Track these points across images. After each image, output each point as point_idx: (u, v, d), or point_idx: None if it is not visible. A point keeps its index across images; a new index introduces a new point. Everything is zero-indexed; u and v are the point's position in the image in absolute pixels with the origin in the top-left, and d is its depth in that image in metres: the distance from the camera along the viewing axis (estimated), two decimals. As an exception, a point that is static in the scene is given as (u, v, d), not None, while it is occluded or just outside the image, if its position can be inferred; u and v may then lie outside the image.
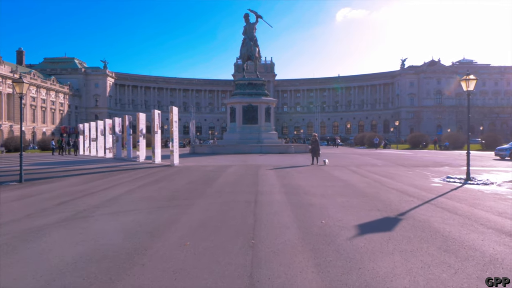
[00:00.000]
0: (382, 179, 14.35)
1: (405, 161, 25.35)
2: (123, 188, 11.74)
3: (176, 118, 21.26)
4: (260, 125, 37.82)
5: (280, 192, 10.57)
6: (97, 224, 6.82)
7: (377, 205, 8.73)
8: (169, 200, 9.42)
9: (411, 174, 16.51)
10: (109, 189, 11.68)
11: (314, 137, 21.45)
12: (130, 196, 10.18)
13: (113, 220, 7.20)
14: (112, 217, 7.42)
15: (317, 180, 13.76)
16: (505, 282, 4.17)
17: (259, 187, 11.70)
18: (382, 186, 12.44)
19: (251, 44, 39.05)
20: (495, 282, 4.16)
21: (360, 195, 10.38)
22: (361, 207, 8.47)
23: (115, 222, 7.02)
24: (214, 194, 10.32)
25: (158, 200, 9.47)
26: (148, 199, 9.62)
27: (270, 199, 9.35)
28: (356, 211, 8.00)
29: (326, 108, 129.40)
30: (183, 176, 15.25)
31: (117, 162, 25.23)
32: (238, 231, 6.16)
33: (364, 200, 9.43)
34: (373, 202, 9.14)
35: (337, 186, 12.10)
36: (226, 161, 24.00)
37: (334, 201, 9.24)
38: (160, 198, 9.78)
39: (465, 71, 54.77)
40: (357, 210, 8.16)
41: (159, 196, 10.13)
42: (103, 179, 14.58)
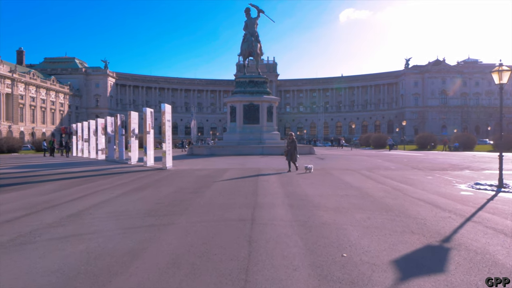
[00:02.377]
0: (401, 186, 12.41)
1: (419, 163, 23.37)
2: (97, 198, 9.85)
3: (169, 117, 19.38)
4: (262, 125, 35.75)
5: (284, 205, 8.64)
6: (31, 258, 4.91)
7: (409, 225, 6.80)
8: (144, 216, 7.52)
9: (432, 180, 14.56)
10: (80, 199, 9.79)
11: (291, 136, 17.25)
12: (99, 209, 8.29)
13: (58, 250, 5.30)
14: (59, 245, 5.52)
15: (326, 188, 11.81)
16: (505, 282, 4.01)
17: (259, 197, 9.76)
18: (405, 195, 10.50)
19: (252, 39, 37.00)
20: (495, 282, 3.99)
21: (382, 208, 8.45)
22: (390, 228, 6.53)
23: (58, 253, 5.12)
24: (202, 208, 8.40)
25: (131, 216, 7.57)
26: (119, 214, 7.72)
27: (271, 216, 7.42)
28: (384, 235, 6.07)
29: (329, 108, 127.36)
30: (172, 182, 13.35)
31: (107, 164, 23.38)
32: (224, 274, 4.23)
33: (389, 217, 7.50)
34: (402, 220, 7.21)
35: (352, 196, 10.16)
36: (224, 163, 22.08)
37: (352, 218, 7.31)
38: (134, 213, 7.87)
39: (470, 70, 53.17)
40: (385, 232, 6.23)
41: (134, 210, 8.23)
42: (81, 185, 12.70)
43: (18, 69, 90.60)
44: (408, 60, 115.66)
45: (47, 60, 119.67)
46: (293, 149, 16.82)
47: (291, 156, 16.87)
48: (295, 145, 16.88)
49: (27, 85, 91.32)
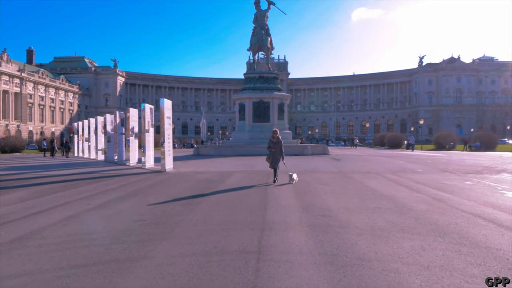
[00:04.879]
0: (441, 195, 10.20)
1: (447, 165, 21.01)
2: (66, 212, 7.87)
3: (169, 113, 17.42)
4: (273, 123, 33.42)
5: (302, 225, 6.52)
6: None
7: (485, 261, 4.64)
8: (111, 243, 5.47)
9: (473, 186, 12.31)
10: (44, 213, 7.83)
11: (275, 134, 12.80)
12: (58, 230, 6.29)
13: None
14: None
15: (351, 198, 9.64)
16: (505, 282, 3.88)
17: (268, 212, 7.66)
18: (452, 208, 8.32)
19: (263, 33, 34.69)
20: (495, 282, 3.87)
21: (433, 230, 6.29)
22: (462, 270, 4.37)
23: None
24: (193, 228, 6.33)
25: (93, 243, 5.54)
26: (79, 239, 5.70)
27: (285, 246, 5.29)
28: (455, 279, 3.96)
29: (341, 108, 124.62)
30: (166, 189, 11.32)
31: (104, 166, 21.51)
32: None
33: (451, 246, 5.34)
34: (472, 252, 5.05)
35: (387, 210, 8.01)
36: (230, 165, 20.01)
37: (399, 249, 5.18)
38: (100, 237, 5.84)
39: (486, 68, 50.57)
40: (460, 279, 4.09)
41: (103, 232, 6.19)
42: (58, 193, 10.73)
43: (27, 68, 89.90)
44: (421, 58, 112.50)
45: (57, 60, 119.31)
46: (278, 153, 12.62)
47: (275, 160, 12.58)
48: (281, 146, 12.69)
49: (36, 84, 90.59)
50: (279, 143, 12.62)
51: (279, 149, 12.60)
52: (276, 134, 12.77)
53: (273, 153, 12.55)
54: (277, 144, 12.61)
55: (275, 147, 12.57)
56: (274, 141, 12.63)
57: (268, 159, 12.76)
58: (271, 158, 12.60)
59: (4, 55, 79.73)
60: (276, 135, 12.74)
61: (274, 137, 12.69)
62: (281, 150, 12.65)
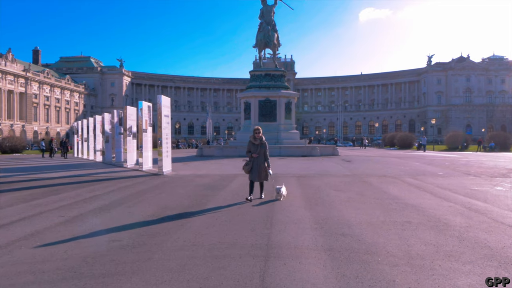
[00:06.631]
0: (476, 204, 8.73)
1: (467, 167, 19.45)
2: (32, 226, 6.53)
3: (167, 111, 16.06)
4: (279, 122, 31.90)
5: (317, 250, 5.09)
6: None
7: None
8: (61, 279, 4.08)
9: (506, 192, 10.81)
10: (5, 227, 6.49)
11: (258, 135, 9.31)
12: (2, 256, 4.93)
13: None
14: None
15: (373, 208, 8.18)
16: (505, 282, 3.82)
17: (274, 230, 6.22)
18: (496, 222, 6.86)
19: (269, 28, 33.14)
20: (495, 282, 3.80)
21: (488, 257, 4.84)
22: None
23: None
24: (177, 255, 4.91)
25: (36, 281, 4.16)
26: (20, 273, 4.33)
27: (297, 286, 3.88)
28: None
29: (348, 107, 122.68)
30: (157, 197, 9.92)
31: (100, 168, 20.24)
32: None
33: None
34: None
35: (419, 225, 6.55)
36: (233, 167, 18.60)
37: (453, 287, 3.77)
38: (51, 270, 4.43)
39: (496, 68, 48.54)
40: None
41: (60, 259, 4.80)
42: (38, 199, 9.40)
43: (33, 68, 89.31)
44: (430, 57, 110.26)
45: (63, 59, 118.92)
46: (262, 160, 9.25)
47: (258, 170, 9.18)
48: (265, 150, 9.32)
49: (41, 84, 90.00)
50: (263, 145, 9.27)
51: (263, 153, 9.24)
52: (259, 134, 9.29)
53: (254, 159, 9.18)
54: (260, 147, 9.25)
55: (258, 152, 9.20)
56: (256, 143, 9.24)
57: (245, 168, 9.35)
58: (250, 165, 9.22)
59: (9, 54, 79.14)
60: (258, 134, 9.27)
61: (256, 138, 9.26)
62: (266, 155, 9.28)
